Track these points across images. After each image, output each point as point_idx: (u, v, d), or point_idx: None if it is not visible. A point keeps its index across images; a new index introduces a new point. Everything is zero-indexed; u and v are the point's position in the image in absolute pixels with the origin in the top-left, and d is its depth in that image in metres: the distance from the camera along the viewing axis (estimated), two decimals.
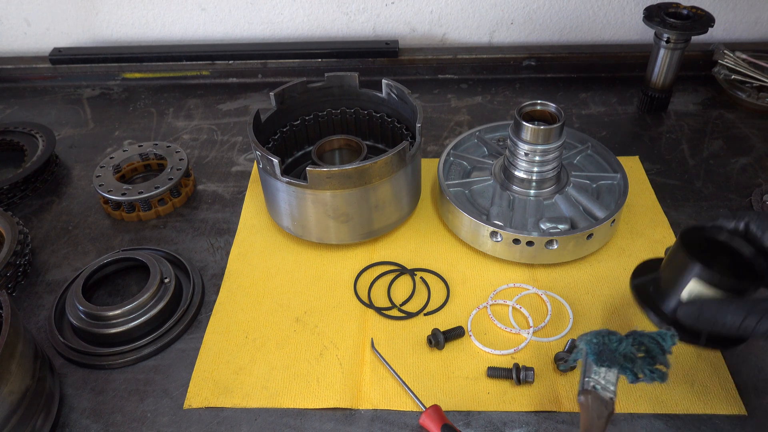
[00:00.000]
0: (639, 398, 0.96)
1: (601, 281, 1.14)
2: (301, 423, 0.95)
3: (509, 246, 1.14)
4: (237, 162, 1.48)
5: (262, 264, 1.21)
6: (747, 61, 1.63)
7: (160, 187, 1.30)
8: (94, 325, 1.05)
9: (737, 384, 0.98)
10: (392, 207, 1.18)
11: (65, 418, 0.97)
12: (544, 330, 1.07)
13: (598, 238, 1.15)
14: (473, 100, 1.69)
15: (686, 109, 1.61)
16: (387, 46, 1.74)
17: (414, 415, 0.95)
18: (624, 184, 1.22)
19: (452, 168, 1.32)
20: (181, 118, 1.65)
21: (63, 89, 1.79)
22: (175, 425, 0.96)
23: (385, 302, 1.13)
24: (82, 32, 1.82)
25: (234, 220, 1.31)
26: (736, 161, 1.43)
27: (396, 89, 1.26)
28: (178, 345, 1.07)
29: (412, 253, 1.22)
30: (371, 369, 1.02)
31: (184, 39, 1.83)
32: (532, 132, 1.14)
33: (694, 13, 1.45)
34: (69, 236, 1.30)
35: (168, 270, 1.13)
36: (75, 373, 1.03)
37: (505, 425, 0.94)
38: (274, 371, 1.02)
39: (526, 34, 1.80)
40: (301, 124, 1.35)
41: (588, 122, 1.58)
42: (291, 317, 1.11)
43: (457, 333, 1.05)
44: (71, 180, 1.45)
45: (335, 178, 1.08)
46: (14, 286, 1.17)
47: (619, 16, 1.75)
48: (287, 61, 1.77)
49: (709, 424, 0.93)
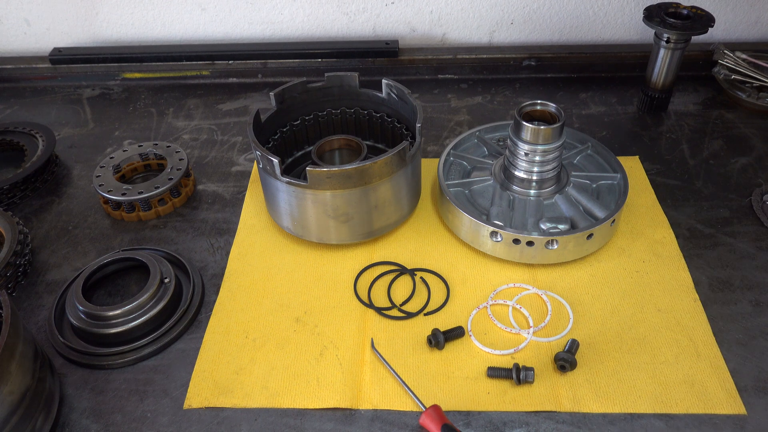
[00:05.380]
0: (639, 398, 0.96)
1: (601, 281, 1.15)
2: (301, 423, 0.95)
3: (509, 246, 1.14)
4: (237, 162, 1.48)
5: (262, 264, 1.21)
6: (747, 61, 1.63)
7: (160, 187, 1.30)
8: (94, 325, 1.05)
9: (737, 384, 0.98)
10: (392, 207, 1.18)
11: (65, 418, 0.97)
12: (544, 330, 1.07)
13: (598, 238, 1.15)
14: (473, 100, 1.69)
15: (686, 109, 1.61)
16: (387, 46, 1.74)
17: (414, 415, 0.95)
18: (624, 184, 1.22)
19: (452, 168, 1.32)
20: (181, 118, 1.65)
21: (63, 89, 1.79)
22: (175, 425, 0.96)
23: (385, 302, 1.13)
24: (82, 32, 1.82)
25: (234, 220, 1.31)
26: (736, 161, 1.43)
27: (396, 89, 1.26)
28: (178, 345, 1.07)
29: (412, 253, 1.22)
30: (371, 369, 1.02)
31: (184, 39, 1.83)
32: (532, 132, 1.14)
33: (694, 13, 1.45)
34: (69, 236, 1.30)
35: (168, 270, 1.13)
36: (75, 373, 1.03)
37: (505, 425, 0.94)
38: (274, 371, 1.02)
39: (526, 34, 1.80)
40: (301, 124, 1.35)
41: (588, 122, 1.58)
42: (291, 317, 1.11)
43: (457, 333, 1.05)
44: (71, 180, 1.45)
45: (335, 178, 1.08)
46: (14, 286, 1.17)
47: (619, 16, 1.75)
48: (287, 61, 1.76)
49: (709, 424, 0.93)
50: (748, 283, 1.14)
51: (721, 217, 1.28)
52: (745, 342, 1.04)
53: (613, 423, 0.94)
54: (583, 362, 1.01)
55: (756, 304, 1.10)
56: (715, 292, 1.13)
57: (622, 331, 1.06)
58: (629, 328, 1.07)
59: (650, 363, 1.01)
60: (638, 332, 1.06)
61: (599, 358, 1.02)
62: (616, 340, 1.04)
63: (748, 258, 1.19)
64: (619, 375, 0.99)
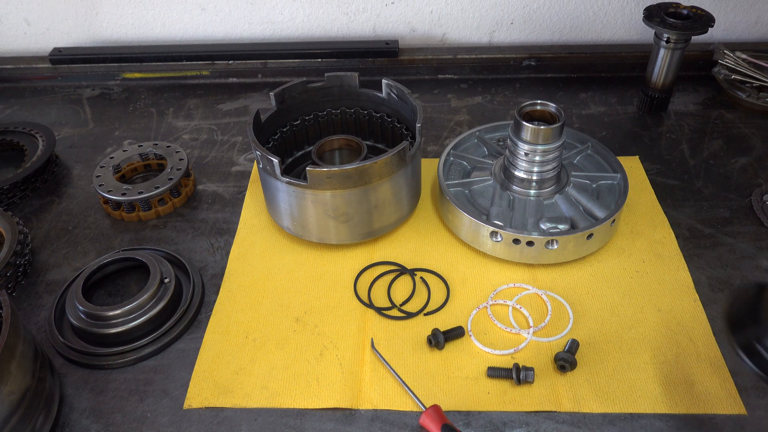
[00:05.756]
0: (639, 398, 0.96)
1: (601, 281, 1.14)
2: (301, 423, 0.95)
3: (509, 246, 1.14)
4: (237, 162, 1.48)
5: (262, 264, 1.21)
6: (747, 61, 1.63)
7: (160, 187, 1.30)
8: (94, 325, 1.05)
9: (737, 384, 0.98)
10: (392, 207, 1.18)
11: (65, 418, 0.97)
12: (544, 330, 1.07)
13: (598, 238, 1.15)
14: (473, 100, 1.69)
15: (686, 109, 1.61)
16: (387, 46, 1.74)
17: (414, 415, 0.95)
18: (624, 184, 1.22)
19: (452, 168, 1.32)
20: (181, 118, 1.65)
21: (63, 89, 1.79)
22: (175, 425, 0.96)
23: (385, 302, 1.13)
24: (82, 32, 1.82)
25: (234, 220, 1.31)
26: (736, 161, 1.43)
27: (396, 89, 1.26)
28: (178, 345, 1.07)
29: (412, 253, 1.22)
30: (371, 369, 1.02)
31: (184, 39, 1.83)
32: (532, 132, 1.14)
33: (694, 13, 1.45)
34: (69, 236, 1.30)
35: (168, 270, 1.13)
36: (75, 373, 1.03)
37: (505, 425, 0.94)
38: (274, 371, 1.02)
39: (526, 34, 1.80)
40: (301, 124, 1.35)
41: (588, 122, 1.58)
42: (291, 317, 1.11)
43: (457, 333, 1.05)
44: (71, 180, 1.45)
45: (335, 178, 1.08)
46: (14, 286, 1.17)
47: (619, 16, 1.75)
48: (287, 61, 1.76)
49: (709, 424, 0.93)
50: None
51: (721, 217, 1.28)
52: None
53: (613, 423, 0.94)
54: (583, 362, 1.01)
55: None
56: (715, 292, 1.13)
57: (622, 331, 1.06)
58: (629, 328, 1.07)
59: (650, 363, 1.01)
60: (638, 332, 1.06)
61: (599, 358, 1.02)
62: (616, 340, 1.04)
63: (748, 258, 1.19)
64: (619, 375, 0.99)
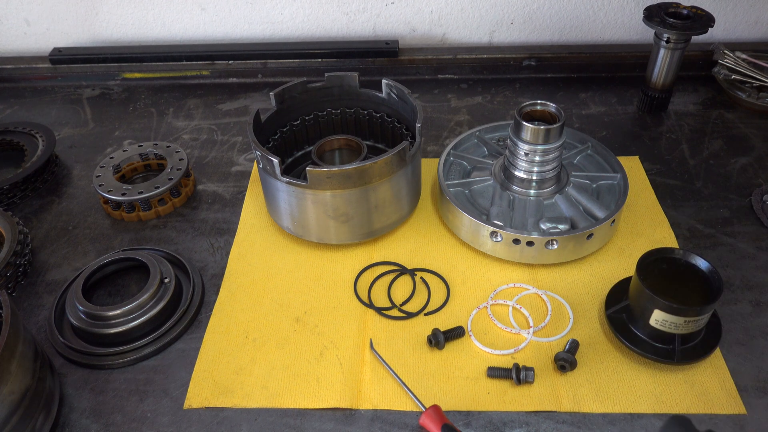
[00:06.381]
0: (639, 398, 0.96)
1: (601, 281, 1.14)
2: (301, 423, 0.95)
3: (509, 246, 1.14)
4: (237, 162, 1.48)
5: (262, 264, 1.21)
6: (747, 61, 1.63)
7: (160, 187, 1.30)
8: (94, 325, 1.05)
9: (737, 384, 0.98)
10: (392, 207, 1.18)
11: (65, 418, 0.97)
12: (544, 330, 1.07)
13: (598, 238, 1.15)
14: (473, 100, 1.69)
15: (686, 109, 1.61)
16: (387, 46, 1.74)
17: (414, 415, 0.95)
18: (624, 184, 1.22)
19: (452, 168, 1.32)
20: (181, 118, 1.65)
21: (63, 89, 1.79)
22: (175, 425, 0.96)
23: (385, 302, 1.13)
24: (82, 32, 1.82)
25: (234, 220, 1.31)
26: (736, 161, 1.43)
27: (396, 89, 1.26)
28: (178, 345, 1.07)
29: (412, 253, 1.22)
30: (371, 369, 1.02)
31: (184, 39, 1.83)
32: (532, 132, 1.14)
33: (694, 13, 1.45)
34: (69, 236, 1.30)
35: (168, 270, 1.13)
36: (75, 373, 1.03)
37: (505, 425, 0.94)
38: (274, 371, 1.02)
39: (526, 34, 1.80)
40: (301, 124, 1.35)
41: (588, 122, 1.58)
42: (291, 317, 1.11)
43: (457, 333, 1.05)
44: (71, 180, 1.45)
45: (335, 178, 1.08)
46: (14, 286, 1.17)
47: (619, 16, 1.75)
48: (287, 61, 1.76)
49: (709, 424, 0.93)
50: (748, 283, 1.14)
51: (721, 217, 1.28)
52: (745, 342, 1.04)
53: (613, 423, 0.94)
54: (583, 362, 1.01)
55: (756, 304, 1.10)
56: None
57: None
58: None
59: (650, 363, 1.01)
60: None
61: (599, 358, 1.02)
62: (616, 340, 1.04)
63: (748, 258, 1.19)
64: (619, 375, 0.99)
